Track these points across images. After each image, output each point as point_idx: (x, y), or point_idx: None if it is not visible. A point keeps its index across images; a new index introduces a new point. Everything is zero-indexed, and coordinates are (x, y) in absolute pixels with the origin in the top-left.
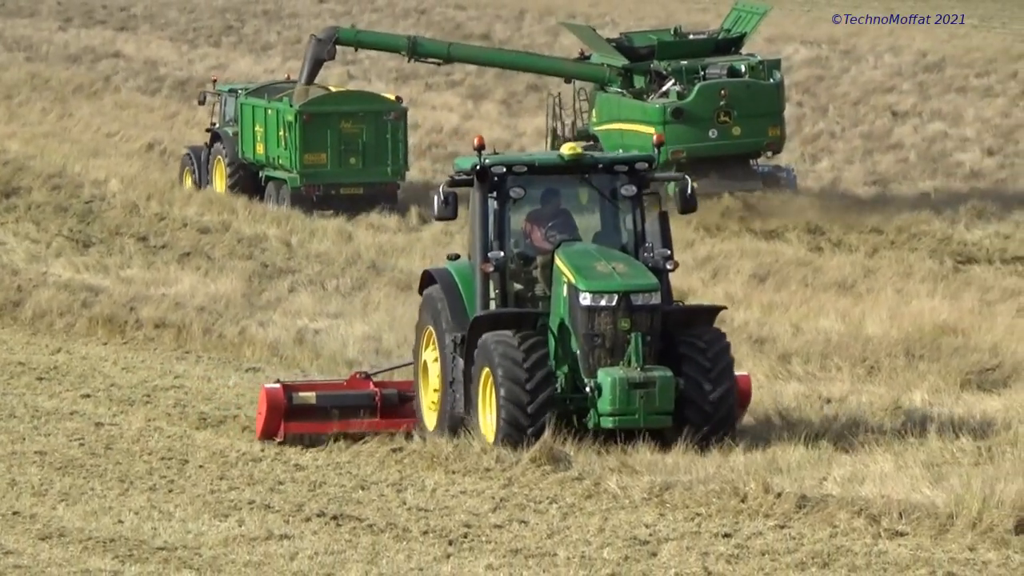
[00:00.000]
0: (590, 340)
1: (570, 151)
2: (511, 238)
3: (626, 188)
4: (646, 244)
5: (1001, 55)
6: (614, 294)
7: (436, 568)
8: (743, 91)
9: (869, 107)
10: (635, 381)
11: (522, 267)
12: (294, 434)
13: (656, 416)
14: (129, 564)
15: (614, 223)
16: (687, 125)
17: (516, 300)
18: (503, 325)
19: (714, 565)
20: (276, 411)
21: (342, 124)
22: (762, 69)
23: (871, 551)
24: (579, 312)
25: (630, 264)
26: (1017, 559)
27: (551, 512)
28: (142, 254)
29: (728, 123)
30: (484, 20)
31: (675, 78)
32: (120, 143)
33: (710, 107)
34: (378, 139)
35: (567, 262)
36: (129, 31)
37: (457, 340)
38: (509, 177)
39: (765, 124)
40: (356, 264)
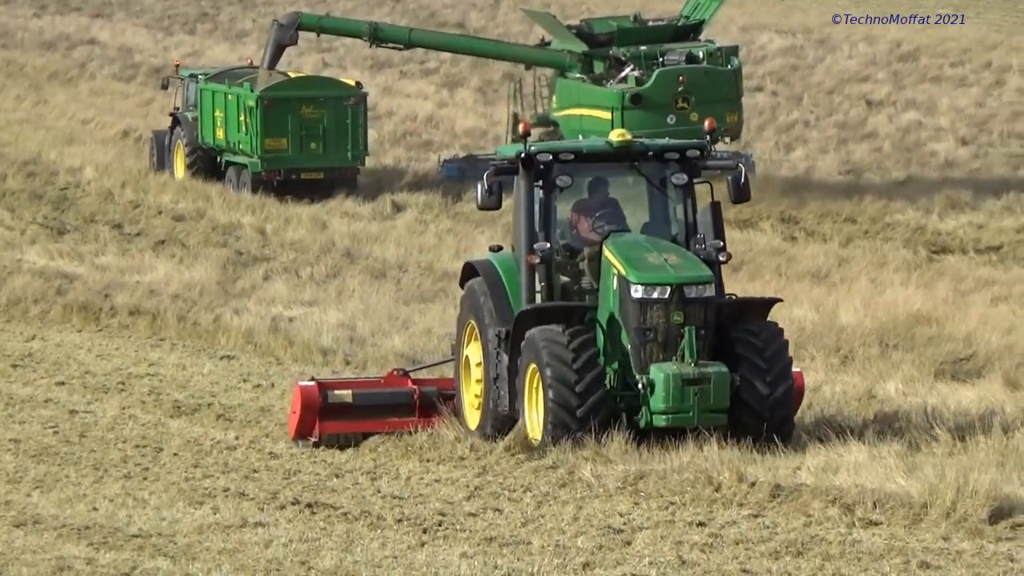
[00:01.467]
0: (641, 334)
1: (619, 137)
2: (557, 229)
3: (677, 176)
4: (698, 235)
5: (975, 45)
6: (666, 286)
7: (410, 556)
8: (701, 77)
9: (843, 96)
10: (689, 377)
11: (568, 259)
12: (329, 434)
13: (711, 414)
14: (104, 551)
15: (663, 213)
16: (645, 111)
17: (562, 293)
18: (550, 319)
19: (688, 554)
20: (311, 410)
21: (302, 109)
22: (720, 56)
23: (845, 540)
24: (630, 305)
25: (682, 255)
26: (991, 549)
27: (525, 501)
28: (117, 241)
29: (686, 109)
30: (459, 8)
31: (634, 64)
32: (95, 130)
33: (668, 93)
34: (338, 124)
35: (617, 253)
36: (104, 18)
37: (502, 335)
38: (555, 165)
39: (723, 110)
40: (330, 252)
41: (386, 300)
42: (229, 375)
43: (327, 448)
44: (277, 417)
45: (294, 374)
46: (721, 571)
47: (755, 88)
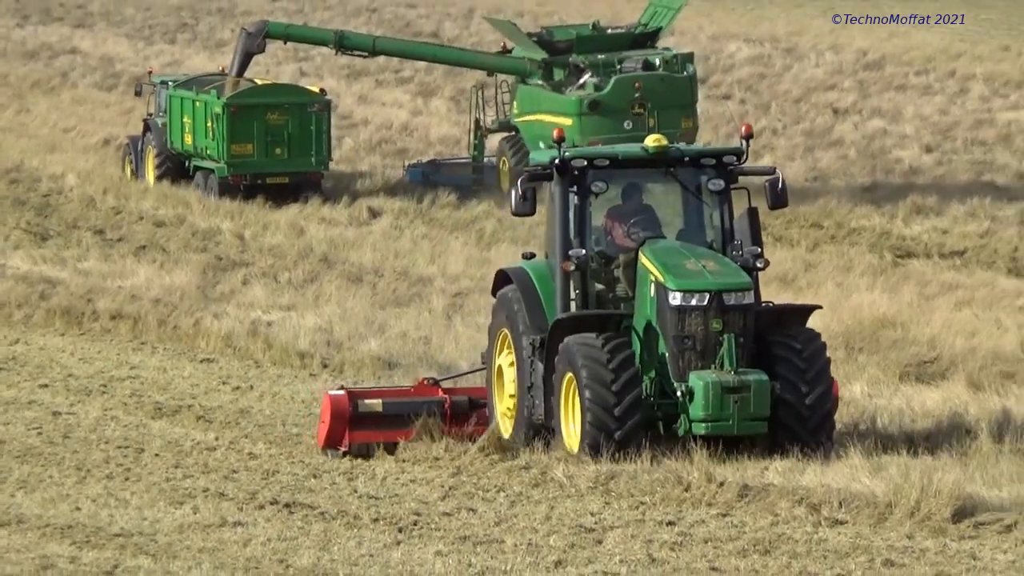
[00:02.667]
0: (680, 342)
1: (655, 143)
2: (592, 235)
3: (713, 183)
4: (735, 242)
5: (939, 54)
6: (705, 293)
7: (386, 554)
8: (657, 83)
9: (810, 104)
10: (729, 385)
11: (603, 266)
12: (359, 444)
13: (751, 422)
14: (87, 550)
15: (699, 220)
16: (603, 116)
17: (597, 301)
18: (586, 327)
19: (658, 552)
20: (340, 419)
21: (268, 116)
22: (676, 62)
23: (811, 539)
24: (668, 312)
25: (721, 262)
26: (954, 547)
27: (499, 500)
28: (99, 247)
29: (643, 114)
30: (434, 18)
31: (592, 71)
32: (77, 138)
33: (625, 99)
34: (303, 130)
35: (654, 260)
36: (86, 28)
37: (536, 343)
38: (590, 171)
39: (678, 115)
40: (308, 257)
41: (362, 304)
42: (209, 378)
43: (282, 440)
44: (256, 419)
45: (273, 376)
46: (690, 569)
47: (724, 96)
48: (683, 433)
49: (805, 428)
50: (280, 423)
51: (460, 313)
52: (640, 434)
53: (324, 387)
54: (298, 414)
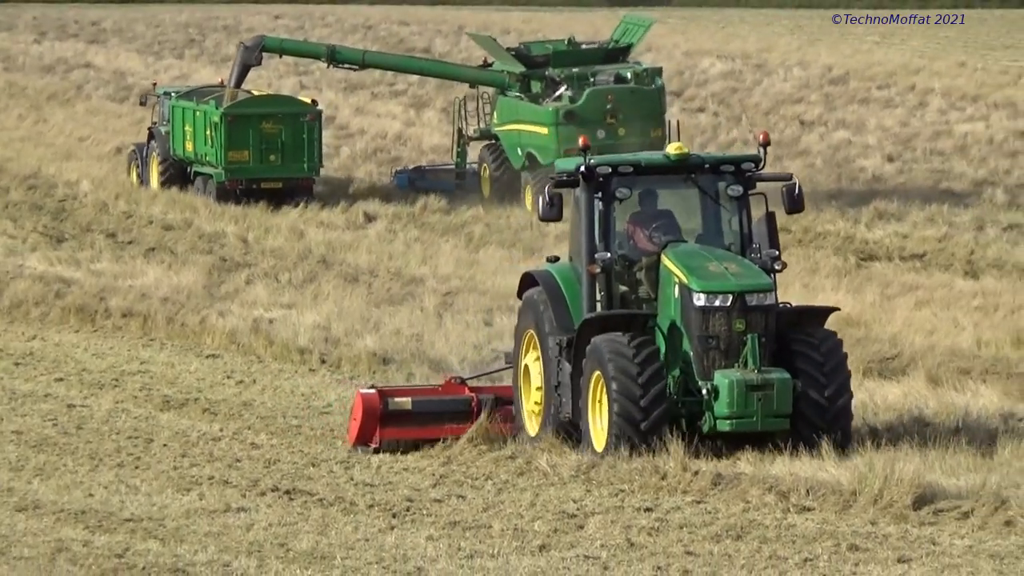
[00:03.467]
0: (704, 342)
1: (676, 150)
2: (615, 239)
3: (732, 188)
4: (753, 245)
5: (900, 69)
6: (728, 294)
7: (381, 539)
8: (628, 96)
9: (779, 116)
10: (753, 383)
11: (626, 269)
12: (389, 440)
13: (774, 419)
14: (99, 534)
15: (717, 224)
16: (577, 126)
17: (621, 302)
18: (613, 327)
19: (636, 537)
20: (372, 417)
21: (263, 125)
22: (646, 76)
23: (780, 524)
24: (692, 313)
25: (742, 264)
26: (915, 532)
27: (487, 488)
28: (111, 249)
29: (614, 124)
30: (426, 35)
31: (568, 84)
32: (91, 147)
33: (598, 110)
34: (295, 138)
35: (677, 262)
36: (99, 44)
37: (563, 343)
38: (614, 178)
39: (648, 126)
40: (307, 259)
41: (358, 303)
42: (214, 372)
43: (283, 430)
44: (258, 411)
45: (274, 371)
46: (667, 553)
47: (698, 109)
48: (707, 430)
49: (824, 421)
50: (281, 415)
51: (450, 311)
52: (664, 426)
53: (323, 381)
54: (298, 407)
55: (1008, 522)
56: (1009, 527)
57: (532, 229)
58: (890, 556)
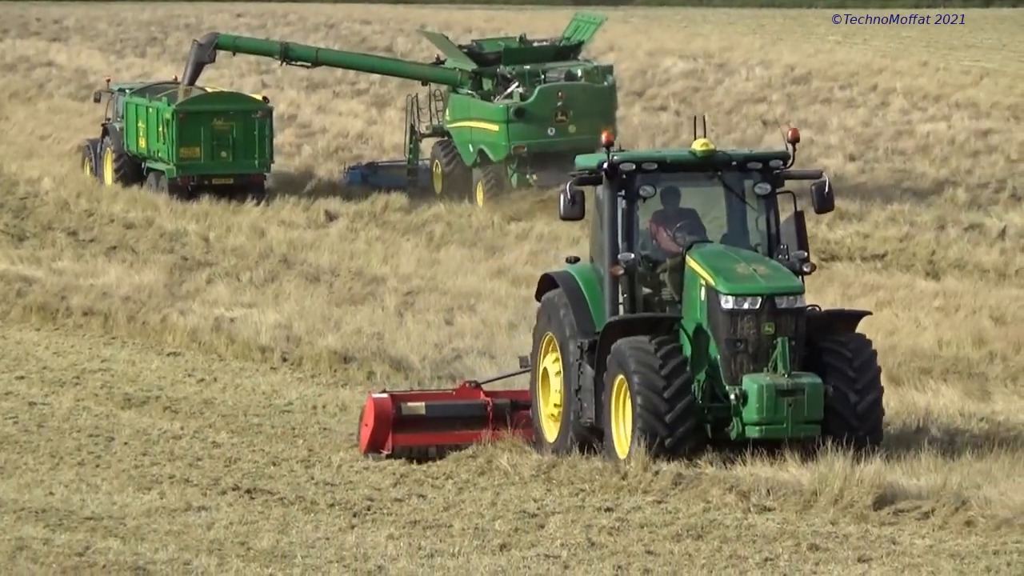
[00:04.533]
0: (732, 345)
1: (702, 147)
2: (638, 239)
3: (760, 187)
4: (780, 246)
5: (862, 69)
6: (757, 296)
7: (341, 538)
8: (579, 93)
9: (741, 116)
10: (783, 388)
11: (649, 270)
12: (402, 447)
13: (805, 425)
14: (59, 532)
15: (743, 223)
16: (528, 123)
17: (644, 305)
18: (637, 330)
19: (597, 536)
20: (384, 422)
21: (214, 121)
22: (597, 73)
23: (741, 524)
24: (720, 316)
25: (771, 265)
26: (875, 532)
27: (447, 487)
28: (72, 247)
29: (565, 122)
30: (387, 34)
31: (519, 81)
32: (52, 145)
33: (549, 107)
34: (246, 135)
35: (704, 263)
36: (61, 42)
37: (584, 347)
38: (638, 175)
39: (598, 123)
40: (268, 258)
41: (320, 302)
42: (175, 370)
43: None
44: (219, 409)
45: (235, 369)
46: (627, 552)
47: (659, 108)
48: (735, 437)
49: (856, 418)
50: (242, 413)
51: (411, 310)
52: (690, 440)
53: (284, 379)
54: (259, 405)
55: (968, 522)
56: (969, 527)
57: (493, 228)
58: (850, 556)
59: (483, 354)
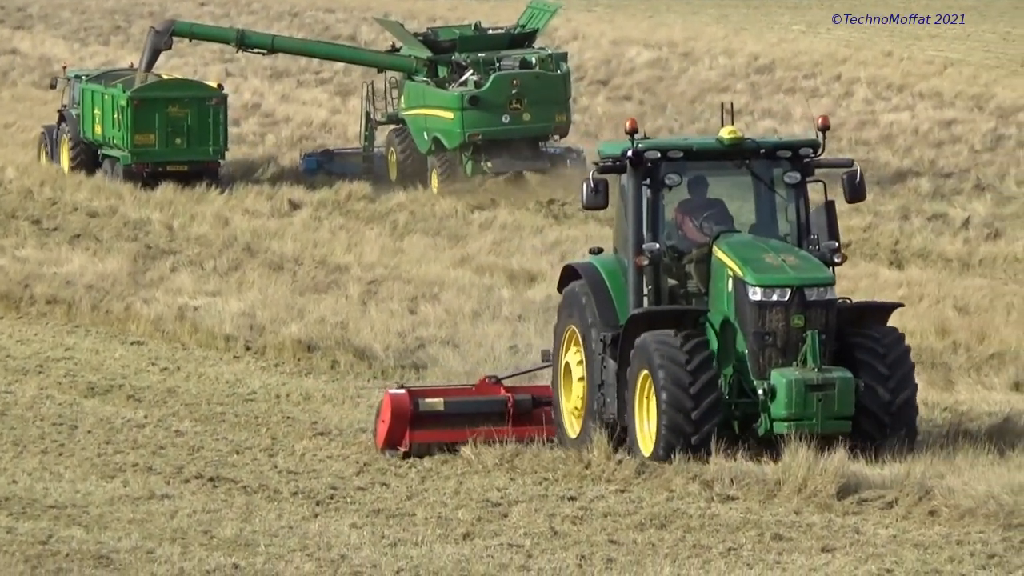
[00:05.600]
0: (760, 338)
1: (730, 135)
2: (664, 229)
3: (789, 175)
4: (811, 236)
5: (826, 59)
6: (786, 288)
7: (304, 526)
8: (533, 81)
9: (705, 105)
10: (813, 383)
11: (674, 261)
12: (419, 444)
13: (835, 421)
14: (23, 521)
15: (772, 213)
16: (483, 111)
17: (669, 297)
18: (662, 323)
19: (560, 525)
20: (401, 419)
21: (169, 108)
22: (551, 61)
23: (704, 513)
24: (748, 308)
25: (801, 256)
26: (839, 522)
27: (410, 476)
28: (36, 236)
29: (519, 109)
30: (351, 22)
31: (474, 69)
32: (16, 133)
33: (503, 95)
34: (201, 122)
35: (732, 254)
36: (25, 30)
37: (607, 340)
38: (663, 163)
39: (552, 110)
40: (232, 246)
41: (283, 291)
42: (139, 359)
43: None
44: (182, 398)
45: (199, 358)
46: (590, 542)
47: (624, 97)
48: (763, 432)
49: (888, 416)
50: (205, 402)
51: (375, 299)
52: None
53: (247, 368)
54: (223, 394)
55: (932, 512)
56: (933, 517)
57: (456, 217)
58: (814, 545)
59: (447, 343)
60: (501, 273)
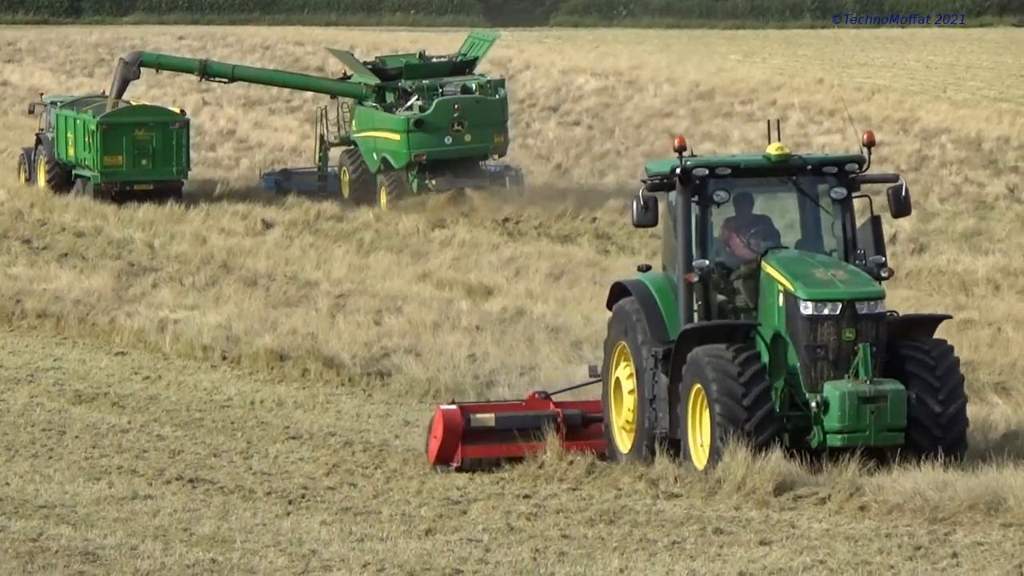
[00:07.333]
0: (812, 352)
1: (777, 151)
2: (712, 246)
3: (836, 191)
4: (857, 251)
5: (762, 85)
6: (838, 302)
7: (278, 524)
8: (473, 105)
9: (649, 130)
10: (865, 395)
11: (723, 277)
12: (471, 459)
13: (888, 433)
14: (14, 520)
15: (818, 229)
16: (427, 133)
17: (719, 312)
18: (713, 338)
19: (516, 522)
20: (453, 434)
21: (135, 132)
22: (490, 87)
23: (651, 510)
24: (799, 322)
25: (850, 271)
26: (776, 517)
27: (376, 476)
28: (26, 254)
29: (461, 131)
30: (319, 55)
31: (418, 94)
32: (6, 159)
33: (446, 118)
34: (165, 145)
35: (782, 269)
36: (15, 63)
37: (659, 355)
38: (711, 180)
39: (492, 132)
40: (210, 263)
41: (257, 304)
42: (123, 368)
43: (186, 423)
44: (164, 405)
45: (179, 367)
46: (544, 536)
47: (573, 123)
48: (816, 445)
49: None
50: (185, 408)
51: (342, 312)
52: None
53: (224, 376)
54: (201, 400)
55: (863, 507)
56: (864, 511)
57: (418, 235)
58: (752, 539)
59: (410, 352)
60: (460, 287)
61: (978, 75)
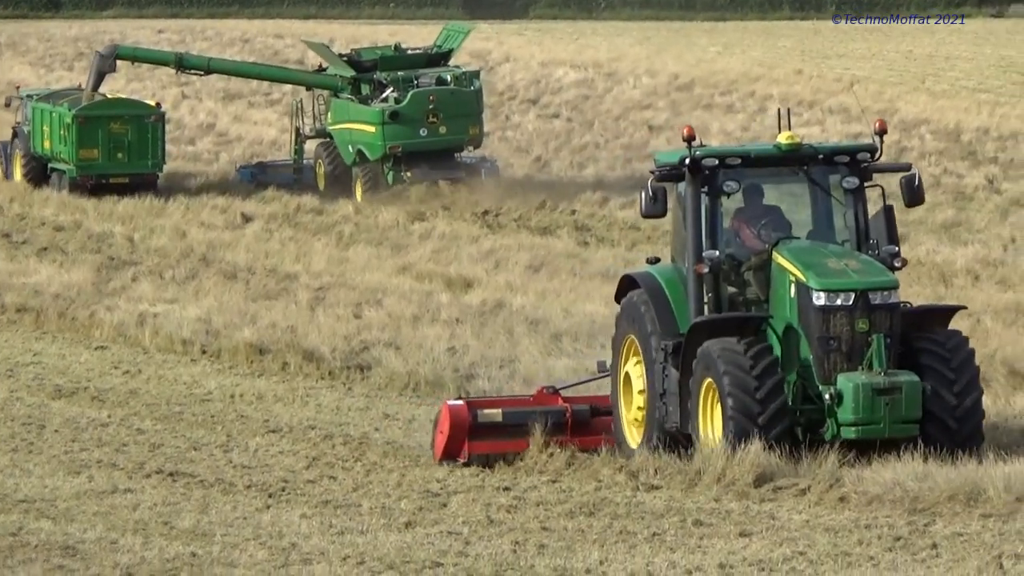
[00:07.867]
0: (825, 343)
1: (788, 140)
2: (722, 237)
3: (847, 180)
4: (870, 241)
5: (741, 77)
6: (851, 292)
7: (258, 517)
8: (448, 97)
9: (629, 122)
10: (880, 387)
11: (733, 268)
12: (478, 454)
13: (903, 425)
14: None
15: (829, 219)
16: (402, 125)
17: (729, 304)
18: (724, 331)
19: (496, 514)
20: (460, 430)
21: (111, 125)
22: (465, 79)
23: (631, 502)
24: (812, 313)
25: (863, 261)
26: (756, 508)
27: (356, 469)
28: (5, 248)
29: (436, 123)
30: (299, 48)
31: (393, 86)
32: None
33: (421, 110)
34: (140, 138)
35: (793, 260)
36: None
37: (669, 349)
38: (721, 170)
39: (466, 124)
40: (189, 257)
41: (237, 298)
42: (103, 363)
43: (165, 417)
44: (144, 399)
45: (159, 361)
46: (524, 529)
47: (552, 115)
48: (830, 438)
49: (955, 420)
50: (165, 402)
51: (322, 305)
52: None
53: (204, 370)
54: (181, 394)
55: (842, 498)
56: (843, 503)
57: (398, 228)
58: (732, 530)
59: (390, 345)
60: (440, 280)
61: (957, 66)
